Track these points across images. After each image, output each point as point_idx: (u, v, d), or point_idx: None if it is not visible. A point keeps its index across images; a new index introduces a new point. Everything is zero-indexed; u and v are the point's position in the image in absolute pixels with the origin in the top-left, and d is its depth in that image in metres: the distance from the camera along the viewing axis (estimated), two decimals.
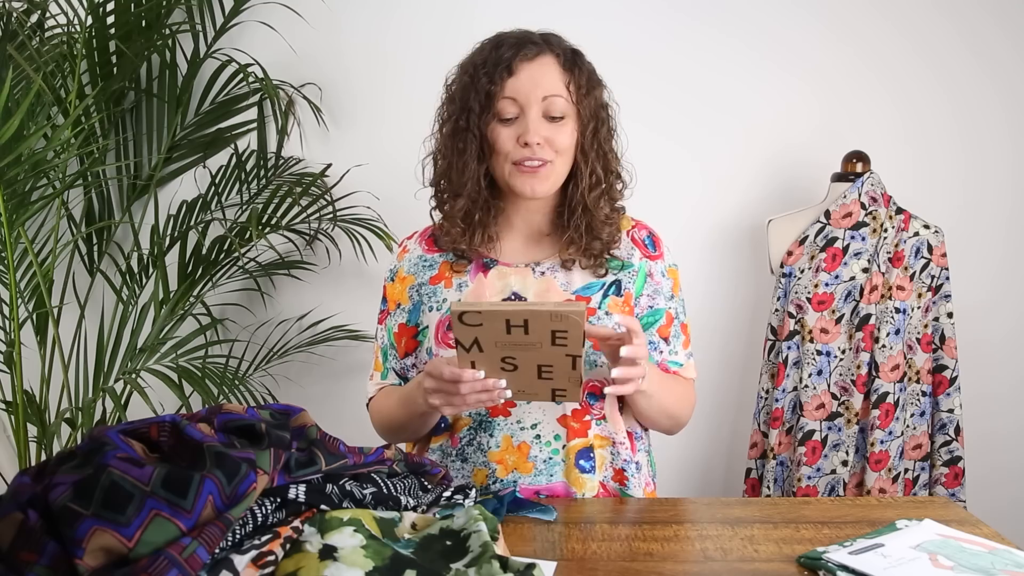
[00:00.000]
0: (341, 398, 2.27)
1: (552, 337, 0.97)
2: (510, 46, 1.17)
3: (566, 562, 0.89)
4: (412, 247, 1.32)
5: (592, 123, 1.20)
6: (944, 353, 1.99)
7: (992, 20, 2.16)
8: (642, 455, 1.27)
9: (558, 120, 1.17)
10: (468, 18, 2.15)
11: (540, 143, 1.15)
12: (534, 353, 1.00)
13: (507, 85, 1.16)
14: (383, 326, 1.32)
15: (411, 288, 1.27)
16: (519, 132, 1.16)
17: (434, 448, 1.25)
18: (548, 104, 1.16)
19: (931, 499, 1.13)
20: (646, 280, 1.26)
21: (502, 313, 0.96)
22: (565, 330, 0.96)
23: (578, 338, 0.97)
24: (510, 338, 0.98)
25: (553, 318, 0.95)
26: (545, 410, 1.19)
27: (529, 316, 0.95)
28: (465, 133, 1.19)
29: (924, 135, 2.19)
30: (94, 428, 0.77)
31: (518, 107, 1.16)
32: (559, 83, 1.17)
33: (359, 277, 2.23)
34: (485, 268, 1.24)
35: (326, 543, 0.73)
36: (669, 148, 2.17)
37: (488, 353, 1.00)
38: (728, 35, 2.17)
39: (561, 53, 1.19)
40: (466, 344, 1.00)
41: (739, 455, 2.27)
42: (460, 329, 0.98)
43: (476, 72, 1.18)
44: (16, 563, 0.64)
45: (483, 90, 1.16)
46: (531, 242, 1.27)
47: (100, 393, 1.82)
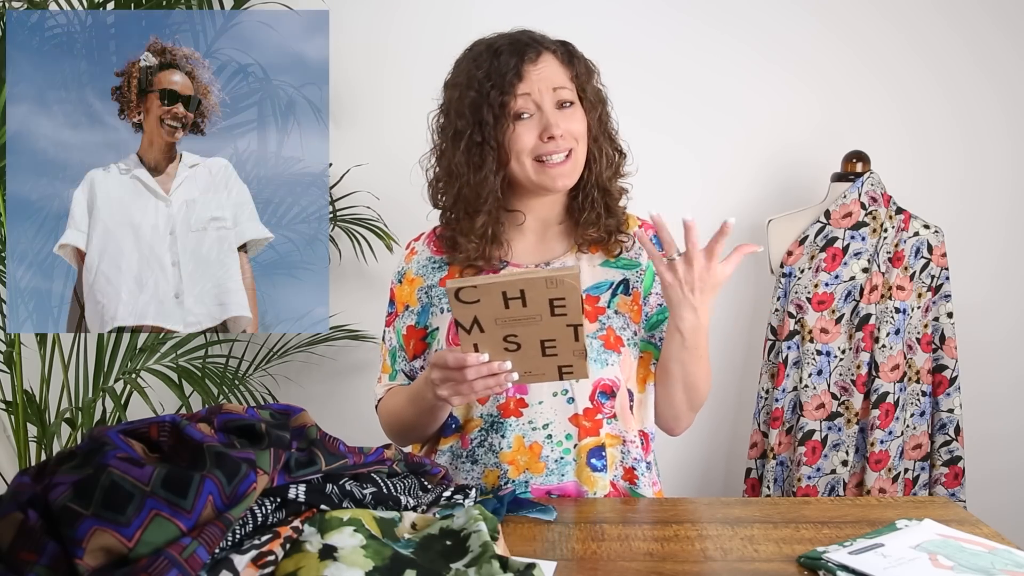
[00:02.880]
0: (341, 398, 2.27)
1: (551, 307, 0.98)
2: (510, 53, 1.18)
3: (566, 562, 0.89)
4: (420, 248, 1.32)
5: (598, 107, 1.24)
6: (944, 353, 1.98)
7: (992, 20, 2.16)
8: (652, 455, 1.28)
9: (570, 107, 1.20)
10: (468, 18, 2.15)
11: (563, 134, 1.17)
12: (535, 328, 1.00)
13: (519, 87, 1.17)
14: (391, 328, 1.31)
15: (420, 290, 1.27)
16: (539, 128, 1.18)
17: (443, 450, 1.24)
18: (559, 95, 1.19)
19: (931, 499, 1.13)
20: (655, 279, 1.26)
21: (498, 285, 0.96)
22: (563, 297, 0.97)
23: (576, 304, 0.98)
24: (509, 313, 0.98)
25: (549, 284, 0.95)
26: (556, 410, 1.18)
27: (525, 285, 0.96)
28: (482, 147, 1.19)
29: (924, 135, 2.19)
30: (94, 428, 0.77)
31: (534, 104, 1.18)
32: (564, 76, 1.20)
33: (359, 277, 2.23)
34: (496, 270, 1.24)
35: (326, 543, 0.73)
36: (669, 147, 2.17)
37: (490, 333, 1.00)
38: (728, 35, 2.17)
39: (556, 48, 1.22)
40: (466, 325, 1.00)
41: (739, 455, 2.27)
42: (459, 308, 0.98)
43: (482, 86, 1.18)
44: (16, 563, 0.64)
45: (496, 101, 1.17)
46: (541, 239, 1.28)
47: (100, 393, 1.82)
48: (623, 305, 1.23)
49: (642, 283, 1.26)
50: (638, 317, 1.25)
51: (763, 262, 2.18)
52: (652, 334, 1.26)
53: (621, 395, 1.21)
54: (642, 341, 1.25)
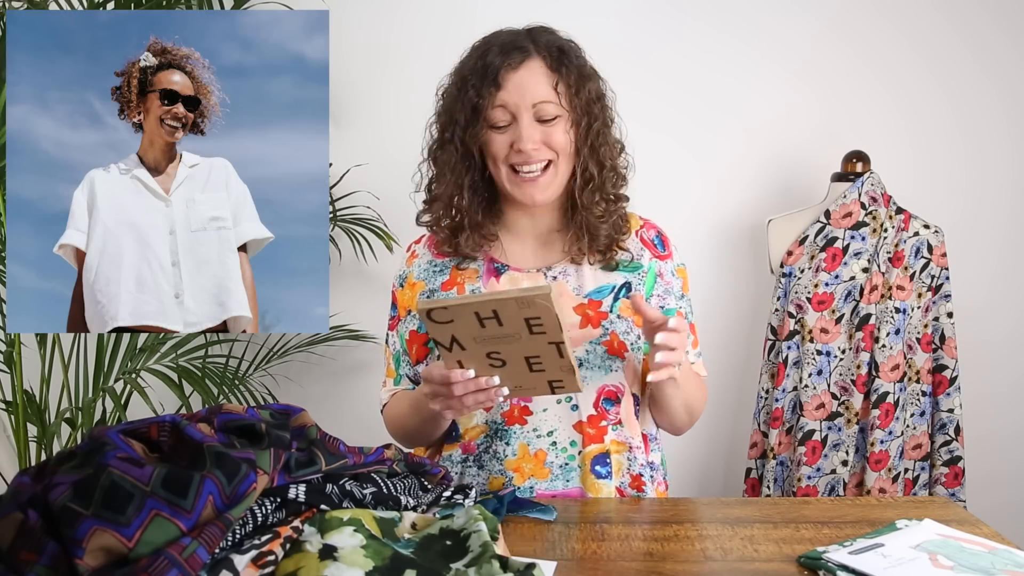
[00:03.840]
0: (341, 398, 2.27)
1: (528, 326, 0.94)
2: (496, 54, 1.16)
3: (566, 562, 0.89)
4: (421, 252, 1.31)
5: (585, 119, 1.18)
6: (944, 353, 1.98)
7: (992, 20, 2.16)
8: (656, 455, 1.27)
9: (550, 121, 1.16)
10: (469, 17, 2.14)
11: (536, 147, 1.15)
12: (517, 345, 0.97)
13: (496, 97, 1.15)
14: (394, 332, 1.31)
15: (422, 295, 1.26)
16: (513, 138, 1.15)
17: (447, 456, 1.24)
18: (538, 110, 1.15)
19: (931, 499, 1.13)
20: (656, 280, 1.26)
21: (469, 306, 0.93)
22: (537, 316, 0.93)
23: (553, 323, 0.94)
24: (486, 331, 0.95)
25: (520, 304, 0.92)
26: (561, 417, 1.18)
27: (496, 305, 0.92)
28: (449, 145, 1.20)
29: (924, 135, 2.19)
30: (94, 428, 0.77)
31: (509, 114, 1.16)
32: (547, 87, 1.16)
33: (359, 277, 2.23)
34: (497, 273, 1.24)
35: (326, 543, 0.73)
36: (669, 147, 2.17)
37: (471, 351, 0.98)
38: (728, 35, 2.17)
39: (548, 53, 1.17)
40: (445, 343, 0.97)
41: (739, 455, 2.26)
42: (433, 328, 0.95)
43: (464, 84, 1.17)
44: (16, 563, 0.64)
45: (470, 103, 1.16)
46: (541, 245, 1.27)
47: (100, 393, 1.82)
48: (626, 309, 1.21)
49: (645, 285, 1.25)
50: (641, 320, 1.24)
51: (763, 262, 2.18)
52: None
53: (626, 401, 1.21)
54: (645, 344, 1.25)
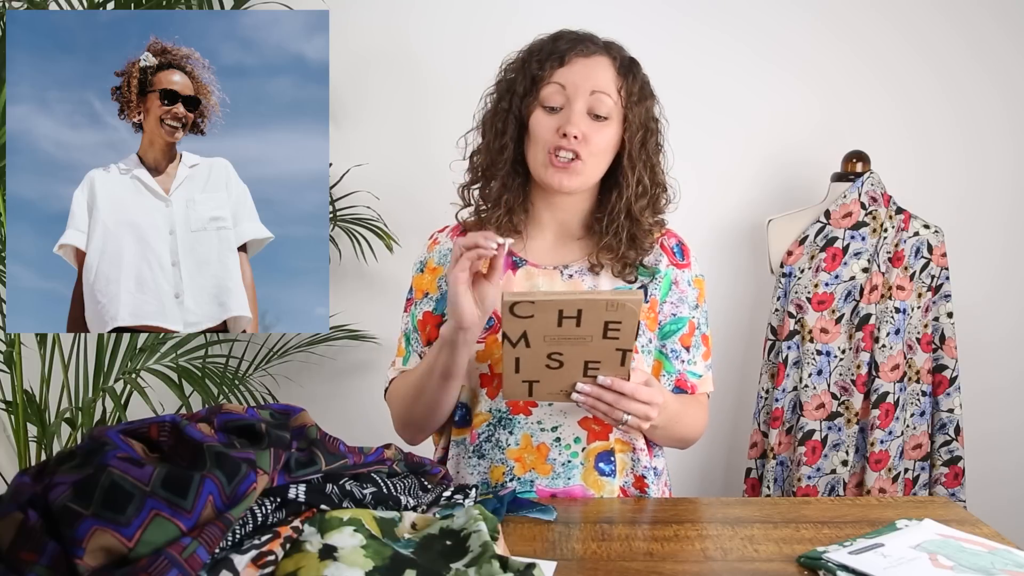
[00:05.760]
0: (341, 398, 2.27)
1: (604, 329, 0.95)
2: (568, 40, 1.19)
3: (566, 562, 0.89)
4: (443, 239, 1.32)
5: (641, 132, 1.20)
6: (944, 353, 1.99)
7: (992, 20, 2.16)
8: (659, 461, 1.27)
9: (602, 120, 1.16)
10: (467, 19, 2.14)
11: (578, 136, 1.14)
12: (582, 348, 0.97)
13: (556, 73, 1.16)
14: (407, 314, 1.32)
15: (441, 279, 1.27)
16: (560, 123, 1.15)
17: (458, 440, 1.23)
18: (595, 100, 1.16)
19: (931, 499, 1.13)
20: (671, 287, 1.26)
21: (555, 303, 0.93)
22: (619, 321, 0.94)
23: (631, 330, 0.95)
24: (561, 331, 0.95)
25: (609, 307, 0.92)
26: (566, 413, 1.18)
27: (583, 305, 0.93)
28: (506, 115, 1.20)
29: (924, 135, 2.19)
30: (94, 428, 0.77)
31: (564, 97, 1.16)
32: (610, 83, 1.17)
33: (359, 277, 2.23)
34: (514, 266, 1.24)
35: (326, 543, 0.73)
36: (669, 148, 2.16)
37: (535, 349, 0.98)
38: (728, 35, 2.17)
39: (619, 58, 1.20)
40: (513, 338, 0.97)
41: (739, 455, 2.27)
42: (510, 321, 0.95)
43: (529, 58, 1.19)
44: (16, 563, 0.64)
45: (531, 74, 1.18)
46: (560, 243, 1.27)
47: (100, 393, 1.82)
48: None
49: (659, 290, 1.25)
50: (654, 325, 1.23)
51: (763, 262, 2.18)
52: (664, 343, 1.25)
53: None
54: (655, 349, 1.24)
